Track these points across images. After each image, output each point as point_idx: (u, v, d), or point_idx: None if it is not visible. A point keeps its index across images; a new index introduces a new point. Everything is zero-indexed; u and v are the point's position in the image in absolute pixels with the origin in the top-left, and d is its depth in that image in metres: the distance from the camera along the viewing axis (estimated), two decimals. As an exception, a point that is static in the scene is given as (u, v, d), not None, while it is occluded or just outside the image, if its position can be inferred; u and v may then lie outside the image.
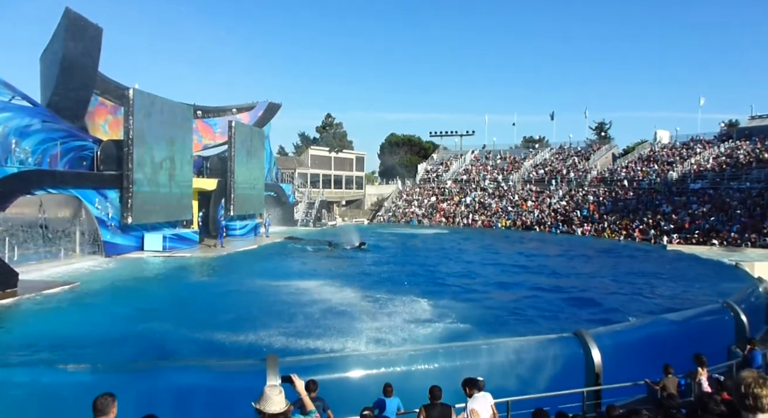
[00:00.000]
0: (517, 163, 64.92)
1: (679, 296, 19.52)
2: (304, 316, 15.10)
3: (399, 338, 13.08)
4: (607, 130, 77.99)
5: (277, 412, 3.75)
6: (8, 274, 17.56)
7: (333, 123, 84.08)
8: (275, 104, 44.62)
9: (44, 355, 11.46)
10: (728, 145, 52.40)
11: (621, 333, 11.75)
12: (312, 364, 9.28)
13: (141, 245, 27.21)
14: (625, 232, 42.68)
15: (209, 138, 40.79)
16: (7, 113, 21.45)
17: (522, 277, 23.70)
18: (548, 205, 52.60)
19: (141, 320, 14.47)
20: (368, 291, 18.83)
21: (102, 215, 24.69)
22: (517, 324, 15.12)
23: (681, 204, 44.21)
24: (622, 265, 28.17)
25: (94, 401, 4.00)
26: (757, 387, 2.65)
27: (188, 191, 31.55)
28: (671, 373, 9.29)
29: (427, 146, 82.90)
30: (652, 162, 54.49)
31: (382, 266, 26.41)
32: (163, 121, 28.32)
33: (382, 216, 61.47)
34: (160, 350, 11.98)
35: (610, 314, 16.29)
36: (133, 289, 18.91)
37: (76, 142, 24.92)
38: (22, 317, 14.99)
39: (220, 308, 16.33)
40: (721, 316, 13.02)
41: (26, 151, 21.86)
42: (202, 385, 8.60)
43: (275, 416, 3.76)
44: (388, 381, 7.83)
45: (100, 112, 31.25)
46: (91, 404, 4.01)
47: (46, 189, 21.66)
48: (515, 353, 10.01)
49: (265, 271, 23.79)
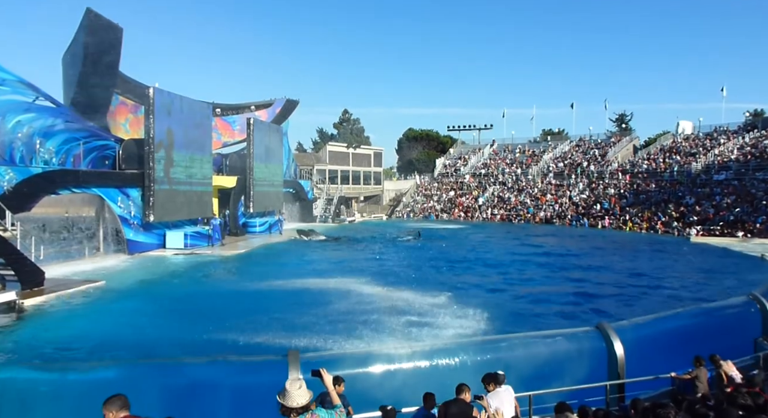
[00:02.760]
0: (536, 157, 64.45)
1: (704, 288, 19.25)
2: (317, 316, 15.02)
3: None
4: (627, 122, 77.13)
5: (297, 406, 3.82)
6: (35, 272, 17.88)
7: (350, 119, 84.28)
8: (293, 101, 44.81)
9: (72, 353, 11.66)
10: (753, 135, 51.41)
11: (644, 326, 11.60)
12: (334, 359, 9.32)
13: (163, 243, 27.52)
14: (647, 224, 42.18)
15: (228, 136, 41.12)
16: (32, 114, 21.82)
17: (545, 271, 23.55)
18: (569, 199, 52.14)
19: (167, 318, 14.63)
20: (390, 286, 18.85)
21: (125, 214, 25.03)
22: (539, 318, 15.05)
23: (704, 195, 43.54)
24: (645, 257, 27.86)
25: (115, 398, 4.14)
26: None
27: (208, 189, 31.84)
28: (703, 364, 9.16)
29: (445, 141, 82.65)
30: (674, 153, 53.68)
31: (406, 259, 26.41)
32: (183, 119, 28.59)
33: (400, 211, 61.47)
34: (186, 348, 12.07)
35: (633, 307, 16.14)
36: (157, 287, 19.13)
37: (99, 141, 25.28)
38: (49, 317, 15.18)
39: (249, 306, 16.24)
40: (747, 308, 12.79)
41: (50, 152, 22.23)
42: (225, 380, 8.70)
43: (296, 409, 3.83)
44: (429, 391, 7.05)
45: (121, 111, 31.66)
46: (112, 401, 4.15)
47: (69, 189, 22.01)
48: (537, 347, 9.96)
49: (290, 266, 23.91)
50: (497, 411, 6.68)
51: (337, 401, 4.19)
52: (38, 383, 8.11)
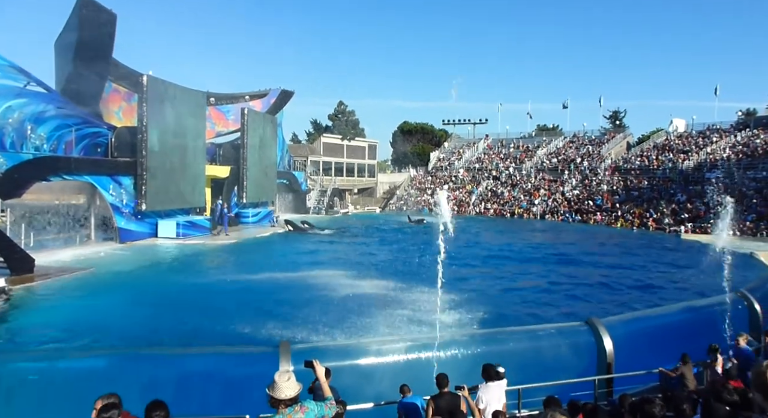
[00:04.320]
0: (530, 152, 64.53)
1: (693, 285, 19.38)
2: (309, 307, 15.05)
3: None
4: (621, 119, 77.19)
5: (285, 398, 3.83)
6: (25, 259, 17.79)
7: (345, 111, 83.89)
8: (288, 92, 44.59)
9: (61, 341, 11.61)
10: (745, 133, 51.67)
11: (633, 322, 11.70)
12: (325, 350, 9.33)
13: (155, 232, 27.40)
14: (638, 221, 42.39)
15: (222, 125, 40.87)
16: (23, 99, 21.61)
17: (535, 266, 23.63)
18: (561, 194, 52.29)
19: (156, 307, 14.60)
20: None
21: (116, 202, 24.88)
22: (530, 314, 15.12)
23: (696, 193, 43.79)
24: (635, 254, 27.99)
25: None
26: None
27: (201, 179, 31.71)
28: (688, 362, 9.25)
29: (440, 134, 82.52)
30: (667, 151, 53.88)
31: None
32: (176, 107, 28.40)
33: (394, 204, 61.47)
34: (177, 338, 12.05)
35: (623, 302, 16.24)
36: (148, 275, 19.06)
37: (91, 128, 25.09)
38: (39, 304, 15.15)
39: (241, 296, 16.23)
40: (735, 305, 12.91)
41: (41, 138, 22.03)
42: (215, 371, 8.69)
43: (285, 401, 3.85)
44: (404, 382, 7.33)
45: (114, 98, 31.41)
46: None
47: (61, 176, 21.86)
48: (526, 341, 10.02)
49: (281, 258, 23.88)
50: (481, 402, 6.77)
51: (328, 393, 4.19)
52: (26, 371, 8.08)
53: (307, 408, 3.91)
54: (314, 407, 3.96)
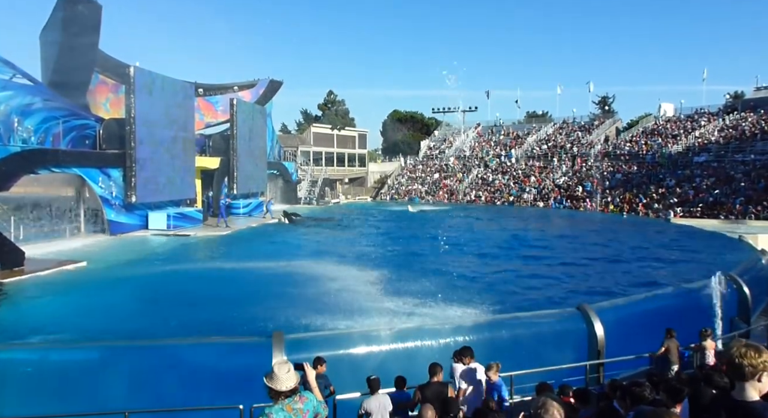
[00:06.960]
0: (520, 139, 64.61)
1: (683, 269, 19.55)
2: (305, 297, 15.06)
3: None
4: (610, 104, 77.39)
5: (286, 390, 3.82)
6: (15, 252, 17.69)
7: (335, 100, 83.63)
8: (277, 82, 44.34)
9: (52, 334, 11.56)
10: (733, 117, 51.98)
11: (623, 307, 11.82)
12: (318, 340, 9.38)
13: (145, 224, 27.25)
14: (628, 206, 42.68)
15: (211, 116, 40.61)
16: (9, 92, 21.35)
17: (522, 251, 23.75)
18: (552, 181, 52.47)
19: (148, 299, 14.56)
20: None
21: (105, 194, 24.73)
22: (521, 298, 15.18)
23: (685, 177, 44.09)
24: (625, 239, 28.18)
25: None
26: (750, 357, 2.79)
27: (191, 170, 31.53)
28: (674, 336, 9.37)
29: (430, 123, 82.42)
30: (656, 136, 54.12)
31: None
32: (164, 99, 28.17)
33: (385, 193, 61.47)
34: (170, 328, 12.02)
35: (613, 288, 16.35)
36: (139, 267, 18.95)
37: (78, 120, 24.86)
38: (29, 297, 15.06)
39: (232, 287, 16.14)
40: (724, 288, 13.06)
41: (29, 130, 21.82)
42: (209, 361, 8.72)
43: (284, 392, 3.82)
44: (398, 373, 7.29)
45: (101, 90, 31.11)
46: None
47: (49, 168, 21.67)
48: (518, 328, 10.11)
49: (272, 249, 23.87)
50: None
51: (319, 398, 4.13)
52: (19, 363, 8.07)
53: (306, 398, 3.91)
54: (312, 398, 3.97)
